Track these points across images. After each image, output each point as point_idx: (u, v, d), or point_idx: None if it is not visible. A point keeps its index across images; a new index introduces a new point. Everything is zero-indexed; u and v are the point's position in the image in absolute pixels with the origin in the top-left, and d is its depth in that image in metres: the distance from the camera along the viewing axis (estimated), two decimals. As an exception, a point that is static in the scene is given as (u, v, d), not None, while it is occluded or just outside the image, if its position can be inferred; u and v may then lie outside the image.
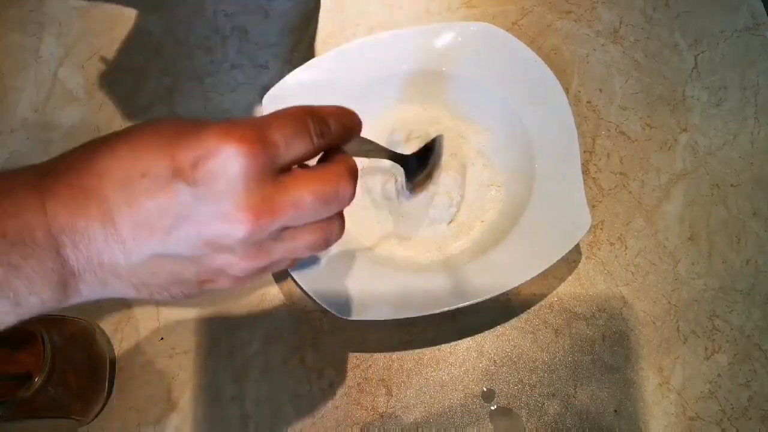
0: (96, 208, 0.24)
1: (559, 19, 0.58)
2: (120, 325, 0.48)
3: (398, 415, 0.46)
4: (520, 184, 0.50)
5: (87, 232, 0.24)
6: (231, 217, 0.25)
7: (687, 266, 0.50)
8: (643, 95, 0.55)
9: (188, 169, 0.24)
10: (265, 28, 0.58)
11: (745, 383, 0.46)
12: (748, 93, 0.55)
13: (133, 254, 0.25)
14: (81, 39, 0.58)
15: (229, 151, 0.24)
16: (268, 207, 0.25)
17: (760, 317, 0.48)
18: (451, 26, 0.52)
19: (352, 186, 0.28)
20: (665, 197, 0.52)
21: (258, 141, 0.25)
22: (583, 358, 0.47)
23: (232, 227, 0.25)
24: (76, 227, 0.24)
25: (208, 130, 0.25)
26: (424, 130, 0.51)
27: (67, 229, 0.24)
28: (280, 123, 0.26)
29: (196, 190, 0.24)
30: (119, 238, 0.25)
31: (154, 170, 0.24)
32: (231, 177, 0.24)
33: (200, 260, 0.26)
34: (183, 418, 0.46)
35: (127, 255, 0.25)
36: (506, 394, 0.46)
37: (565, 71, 0.56)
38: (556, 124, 0.49)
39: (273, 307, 0.49)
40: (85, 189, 0.24)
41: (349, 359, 0.47)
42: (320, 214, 0.27)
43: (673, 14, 0.58)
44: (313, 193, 0.26)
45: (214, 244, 0.25)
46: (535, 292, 0.49)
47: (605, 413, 0.46)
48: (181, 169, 0.24)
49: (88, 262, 0.25)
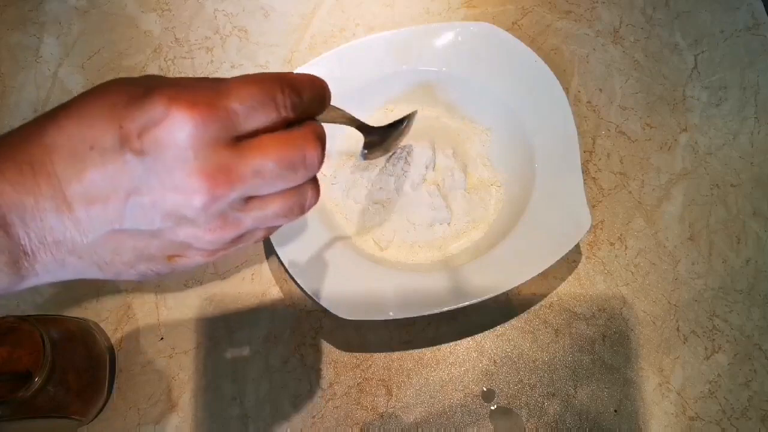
0: (45, 185, 0.23)
1: (559, 19, 0.58)
2: (120, 325, 0.48)
3: (398, 415, 0.46)
4: (520, 184, 0.50)
5: (37, 209, 0.23)
6: (184, 188, 0.23)
7: (687, 266, 0.50)
8: (643, 95, 0.55)
9: (135, 139, 0.23)
10: (265, 28, 0.58)
11: (745, 383, 0.46)
12: (748, 93, 0.55)
13: (88, 230, 0.24)
14: (81, 39, 0.58)
15: (177, 118, 0.23)
16: (224, 175, 0.24)
17: (760, 317, 0.48)
18: (451, 26, 0.52)
19: (319, 150, 0.26)
20: (665, 197, 0.52)
21: (210, 107, 0.23)
22: (583, 358, 0.47)
23: (186, 198, 0.24)
24: (24, 205, 0.23)
25: (157, 94, 0.23)
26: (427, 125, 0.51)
27: (14, 207, 0.23)
28: (243, 91, 0.24)
29: (145, 160, 0.23)
30: (72, 214, 0.24)
31: (101, 141, 0.23)
32: (180, 145, 0.23)
33: (162, 234, 0.25)
34: (183, 418, 0.46)
35: (82, 231, 0.24)
36: (506, 394, 0.46)
37: (565, 71, 0.56)
38: (556, 124, 0.49)
39: (273, 307, 0.49)
40: (32, 165, 0.23)
41: (349, 359, 0.47)
42: (288, 181, 0.26)
43: (673, 14, 0.58)
44: (277, 159, 0.25)
45: (172, 217, 0.24)
46: (535, 292, 0.49)
47: (605, 413, 0.46)
48: (129, 139, 0.23)
49: (41, 241, 0.24)
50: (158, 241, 0.25)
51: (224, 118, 0.24)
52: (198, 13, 0.59)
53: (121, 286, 0.49)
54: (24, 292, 0.49)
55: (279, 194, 0.26)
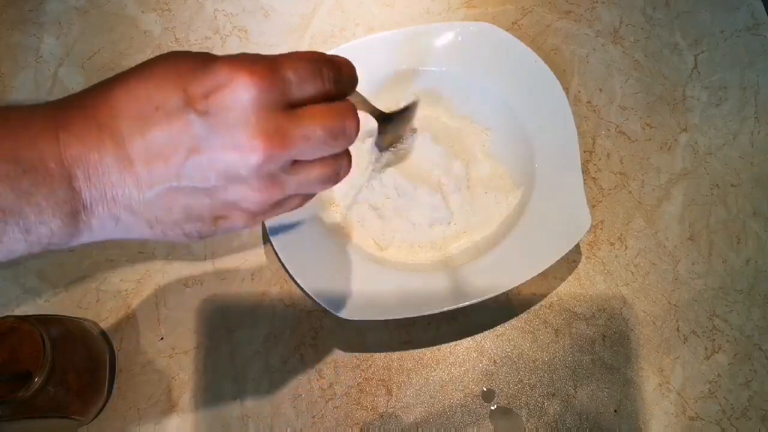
0: (110, 141, 0.25)
1: (559, 19, 0.58)
2: (120, 325, 0.48)
3: (398, 415, 0.46)
4: (520, 184, 0.50)
5: (100, 164, 0.25)
6: (244, 146, 0.25)
7: (687, 266, 0.50)
8: (643, 95, 0.55)
9: (200, 100, 0.25)
10: (265, 28, 0.58)
11: (745, 383, 0.46)
12: (748, 93, 0.55)
13: (147, 187, 0.26)
14: (81, 39, 0.58)
15: (241, 82, 0.25)
16: (281, 136, 0.26)
17: (760, 317, 0.48)
18: (451, 26, 0.52)
19: (356, 122, 0.29)
20: (665, 197, 0.52)
21: (269, 74, 0.25)
22: (583, 358, 0.47)
23: (244, 156, 0.25)
24: (89, 159, 0.25)
25: (221, 62, 0.25)
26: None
27: (80, 160, 0.25)
28: (295, 63, 0.27)
29: (208, 121, 0.25)
30: (133, 170, 0.25)
31: (167, 103, 0.25)
32: (242, 107, 0.25)
33: (214, 193, 0.27)
34: (183, 418, 0.46)
35: (141, 187, 0.26)
36: (506, 394, 0.46)
37: (565, 71, 0.56)
38: (556, 124, 0.49)
39: (273, 307, 0.49)
40: (99, 122, 0.25)
41: (349, 359, 0.47)
42: (329, 149, 0.28)
43: (673, 14, 0.58)
44: (323, 126, 0.27)
45: (227, 175, 0.26)
46: (535, 292, 0.49)
47: (605, 413, 0.46)
48: (193, 100, 0.25)
49: (101, 194, 0.25)
50: (209, 200, 0.27)
51: (281, 85, 0.26)
52: (198, 13, 0.59)
53: (121, 287, 0.49)
54: (24, 292, 0.49)
55: (320, 161, 0.29)
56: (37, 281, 0.49)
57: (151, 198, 0.26)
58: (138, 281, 0.49)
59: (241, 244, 0.50)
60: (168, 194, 0.26)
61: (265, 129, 0.25)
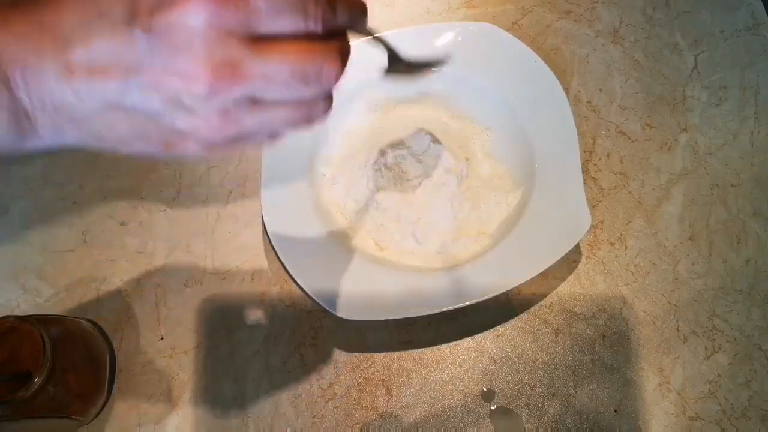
0: (50, 43, 0.23)
1: (559, 19, 0.58)
2: (120, 325, 0.48)
3: (398, 415, 0.46)
4: (520, 184, 0.50)
5: (38, 68, 0.23)
6: (186, 74, 0.23)
7: (687, 266, 0.50)
8: (643, 95, 0.55)
9: (145, 16, 0.23)
10: (265, 28, 0.58)
11: (745, 383, 0.46)
12: (748, 93, 0.55)
13: (85, 97, 0.24)
14: None
15: (192, 3, 0.22)
16: (230, 70, 0.23)
17: (760, 317, 0.48)
18: (451, 26, 0.52)
19: (338, 67, 0.25)
20: (665, 197, 0.52)
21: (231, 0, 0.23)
22: (583, 358, 0.47)
23: (186, 84, 0.23)
24: (26, 62, 0.23)
25: None
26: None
27: (16, 62, 0.23)
28: None
29: (152, 39, 0.23)
30: (72, 81, 0.24)
31: (112, 10, 0.23)
32: (190, 30, 0.22)
33: (159, 118, 0.25)
34: (183, 418, 0.46)
35: (80, 98, 0.24)
36: (506, 394, 0.46)
37: (565, 71, 0.56)
38: (556, 123, 0.49)
39: (273, 307, 0.49)
40: (41, 24, 0.23)
41: (349, 359, 0.47)
42: (298, 92, 0.25)
43: (673, 14, 0.58)
44: (290, 66, 0.24)
45: (171, 102, 0.24)
46: (535, 292, 0.49)
47: (605, 413, 0.46)
48: (139, 14, 0.23)
49: (41, 103, 0.24)
50: (155, 125, 0.25)
51: (244, 12, 0.23)
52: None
53: (121, 287, 0.49)
54: (24, 292, 0.49)
55: (288, 104, 0.26)
56: (37, 281, 0.49)
57: (93, 113, 0.24)
58: (138, 281, 0.49)
59: (241, 244, 0.50)
60: (110, 112, 0.24)
61: (212, 58, 0.23)
